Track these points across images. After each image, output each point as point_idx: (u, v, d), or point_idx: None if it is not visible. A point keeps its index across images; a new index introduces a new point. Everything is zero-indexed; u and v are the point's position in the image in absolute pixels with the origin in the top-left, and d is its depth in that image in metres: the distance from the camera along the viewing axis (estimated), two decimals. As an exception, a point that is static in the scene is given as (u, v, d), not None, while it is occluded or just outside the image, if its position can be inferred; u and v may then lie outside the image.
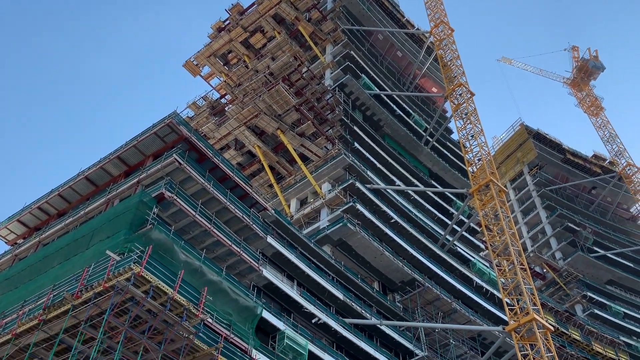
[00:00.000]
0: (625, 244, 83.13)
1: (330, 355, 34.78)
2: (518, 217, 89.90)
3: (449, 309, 46.27)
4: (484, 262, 57.51)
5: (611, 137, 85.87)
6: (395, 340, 41.57)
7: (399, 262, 45.34)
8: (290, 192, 52.15)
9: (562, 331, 58.47)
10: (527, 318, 37.09)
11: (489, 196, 45.63)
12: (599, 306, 71.10)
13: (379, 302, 42.95)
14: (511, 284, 40.38)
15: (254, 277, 33.36)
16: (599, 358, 59.77)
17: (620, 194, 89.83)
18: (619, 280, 78.60)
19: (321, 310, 36.58)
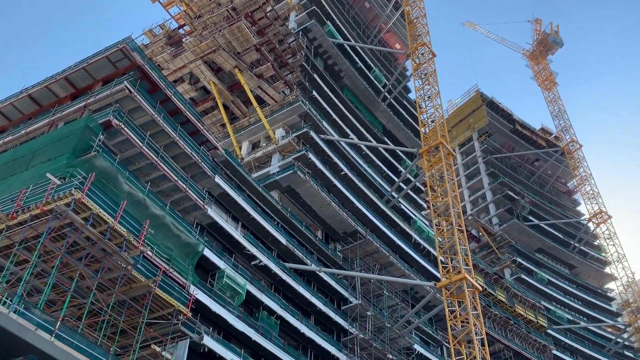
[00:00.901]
0: (558, 215, 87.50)
1: (268, 296, 35.55)
2: (462, 181, 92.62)
3: (386, 262, 47.83)
4: (425, 221, 59.38)
5: (560, 113, 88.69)
6: (332, 287, 42.84)
7: (344, 214, 46.14)
8: (242, 134, 51.55)
9: (489, 292, 61.79)
10: (459, 277, 38.82)
11: (437, 158, 46.60)
12: (526, 272, 75.21)
13: (321, 250, 43.88)
14: (447, 243, 41.98)
15: (199, 215, 33.23)
16: (519, 319, 63.75)
17: (560, 168, 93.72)
18: (547, 249, 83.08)
19: (263, 253, 37.08)
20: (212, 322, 30.65)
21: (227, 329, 31.46)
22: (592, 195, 78.82)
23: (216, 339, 29.12)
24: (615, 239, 75.32)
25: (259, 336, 32.62)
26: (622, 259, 73.52)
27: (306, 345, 38.54)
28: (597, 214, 77.03)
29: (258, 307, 35.27)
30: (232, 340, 31.66)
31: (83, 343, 19.77)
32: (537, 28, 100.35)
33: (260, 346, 32.75)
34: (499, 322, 60.36)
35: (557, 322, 71.27)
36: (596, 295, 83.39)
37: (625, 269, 72.33)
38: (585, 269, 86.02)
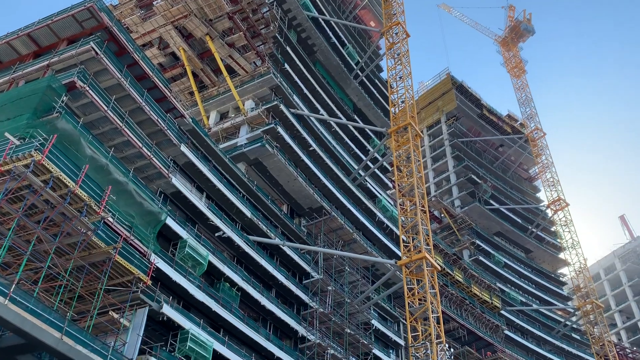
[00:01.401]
0: (518, 201, 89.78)
1: (230, 268, 35.58)
2: (428, 163, 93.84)
3: (349, 238, 48.37)
4: (390, 200, 60.12)
5: (527, 100, 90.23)
6: (294, 261, 43.15)
7: (310, 189, 46.27)
8: (211, 103, 50.79)
9: (447, 272, 63.30)
10: (419, 256, 39.62)
11: (405, 138, 47.00)
12: (484, 254, 77.23)
13: (285, 225, 44.00)
14: (410, 223, 42.66)
15: (162, 184, 32.80)
16: (474, 300, 65.66)
17: (523, 155, 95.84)
18: (506, 232, 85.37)
19: (227, 225, 36.97)
20: (172, 291, 30.56)
21: (187, 299, 31.43)
22: (552, 183, 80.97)
23: (176, 308, 29.07)
24: (571, 226, 77.84)
25: (219, 307, 32.72)
26: (576, 245, 76.12)
27: (266, 317, 38.89)
28: (556, 201, 79.27)
29: (219, 278, 35.30)
30: (191, 310, 31.68)
31: (38, 307, 19.47)
32: (510, 14, 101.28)
33: (220, 317, 32.88)
34: (455, 301, 62.06)
35: (510, 304, 73.73)
36: (549, 279, 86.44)
37: (578, 255, 74.98)
38: (541, 254, 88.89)
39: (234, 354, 32.16)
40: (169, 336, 28.92)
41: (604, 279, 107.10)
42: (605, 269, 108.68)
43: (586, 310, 69.98)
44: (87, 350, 20.90)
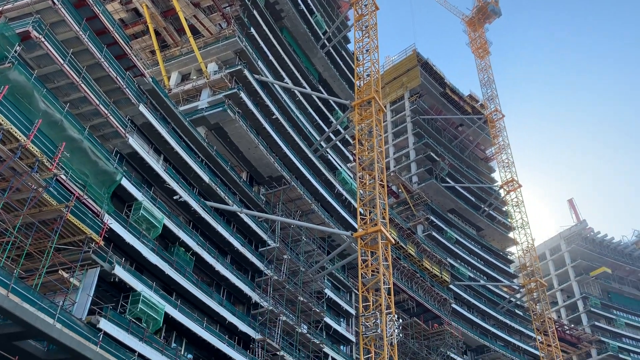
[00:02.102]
0: (473, 180, 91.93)
1: (185, 232, 35.34)
2: (389, 138, 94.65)
3: (308, 209, 48.63)
4: (349, 173, 60.56)
5: (488, 82, 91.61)
6: (251, 228, 43.18)
7: (270, 158, 46.06)
8: (173, 63, 49.46)
9: (401, 245, 64.69)
10: (375, 229, 40.28)
11: (369, 112, 47.15)
12: (437, 230, 79.14)
13: (244, 192, 43.81)
14: (368, 196, 43.20)
15: (119, 144, 32.05)
16: (425, 273, 67.50)
17: (481, 135, 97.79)
18: (459, 210, 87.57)
19: (184, 189, 36.54)
20: (125, 253, 30.18)
21: (140, 261, 31.12)
22: (506, 164, 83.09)
23: (128, 270, 28.78)
24: (521, 206, 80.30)
25: (172, 270, 32.56)
26: (526, 226, 78.77)
27: (220, 282, 38.99)
28: (509, 182, 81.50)
29: (174, 242, 35.04)
30: (144, 272, 31.42)
31: (-16, 263, 18.90)
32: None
33: (173, 280, 32.75)
34: (406, 274, 63.65)
35: (459, 279, 76.18)
36: (497, 257, 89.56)
37: (526, 235, 77.67)
38: (491, 232, 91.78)
39: (186, 318, 32.23)
40: (120, 298, 28.69)
41: (549, 259, 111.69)
42: (551, 250, 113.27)
43: (530, 288, 72.98)
44: (34, 308, 20.53)
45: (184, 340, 33.78)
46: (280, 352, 39.16)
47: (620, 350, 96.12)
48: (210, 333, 34.04)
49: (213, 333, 34.40)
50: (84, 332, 23.56)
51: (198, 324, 33.22)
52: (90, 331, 24.13)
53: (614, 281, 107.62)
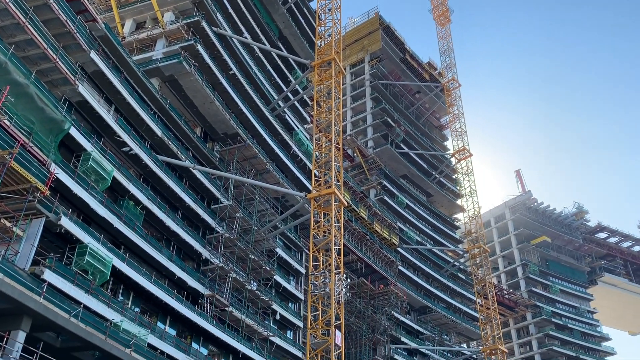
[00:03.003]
0: (426, 147, 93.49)
1: (135, 186, 34.67)
2: (347, 101, 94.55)
3: (262, 168, 48.43)
4: (306, 134, 60.40)
5: (447, 50, 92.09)
6: (204, 185, 42.75)
7: (226, 114, 45.31)
8: (127, 10, 47.36)
9: (353, 208, 65.66)
10: (328, 191, 40.63)
11: (328, 74, 46.79)
12: (389, 194, 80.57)
13: (197, 148, 43.13)
14: (324, 159, 43.35)
15: (68, 91, 30.76)
16: (375, 236, 69.00)
17: (437, 103, 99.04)
18: (411, 176, 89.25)
19: (135, 142, 35.66)
20: (72, 204, 29.42)
21: (88, 213, 30.46)
22: (459, 133, 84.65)
23: (75, 221, 28.12)
24: (471, 175, 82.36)
25: (121, 224, 32.04)
26: (473, 194, 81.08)
27: (170, 238, 38.68)
28: (461, 150, 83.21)
29: (124, 196, 34.35)
30: (92, 224, 30.80)
31: None
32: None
33: (122, 234, 32.29)
34: (356, 236, 64.88)
35: (407, 242, 78.30)
36: (445, 222, 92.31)
37: (473, 203, 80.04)
38: (441, 199, 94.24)
39: (134, 272, 31.97)
40: (66, 249, 28.09)
41: (494, 227, 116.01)
42: (496, 218, 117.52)
43: (474, 254, 75.81)
44: (-26, 257, 19.85)
45: (132, 294, 33.59)
46: (228, 307, 39.55)
47: (554, 314, 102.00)
48: (159, 287, 33.95)
49: (161, 287, 34.33)
50: (27, 282, 23.05)
51: (146, 278, 33.03)
52: (33, 282, 23.63)
53: (553, 250, 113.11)
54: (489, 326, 69.53)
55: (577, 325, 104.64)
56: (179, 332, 36.63)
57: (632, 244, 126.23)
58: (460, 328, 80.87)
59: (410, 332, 71.27)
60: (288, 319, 48.77)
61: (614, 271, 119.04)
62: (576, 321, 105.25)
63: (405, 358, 66.95)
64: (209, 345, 39.06)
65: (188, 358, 34.20)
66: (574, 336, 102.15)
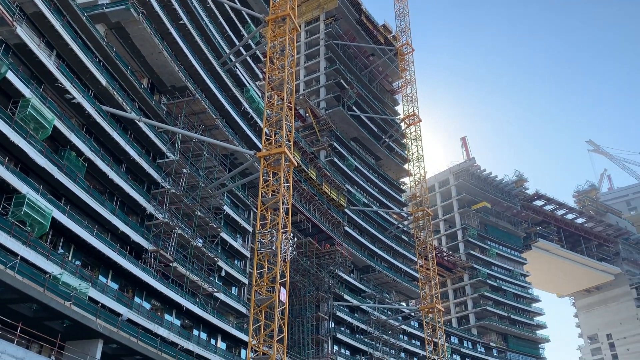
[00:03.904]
0: (377, 110, 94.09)
1: (77, 136, 33.44)
2: (301, 60, 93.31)
3: (211, 124, 47.51)
4: (258, 92, 59.47)
5: (403, 13, 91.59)
6: (150, 139, 41.67)
7: (175, 66, 43.90)
8: (71, -51, 44.43)
9: (302, 168, 65.80)
10: (279, 150, 40.40)
11: (282, 30, 45.82)
12: (338, 156, 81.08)
13: (144, 99, 41.79)
14: (275, 117, 42.87)
15: (5, 32, 28.96)
16: (323, 197, 69.63)
17: (391, 67, 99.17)
18: (361, 139, 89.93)
19: (78, 90, 34.16)
20: (8, 152, 28.15)
21: (26, 162, 29.26)
22: (410, 98, 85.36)
23: (12, 170, 26.99)
24: (419, 140, 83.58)
25: (62, 175, 30.97)
26: (420, 159, 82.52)
27: (113, 191, 37.77)
28: (410, 115, 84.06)
29: (65, 146, 33.09)
30: (30, 174, 29.64)
31: None
32: None
33: (63, 185, 31.26)
34: (305, 197, 65.30)
35: (354, 204, 79.52)
36: (391, 186, 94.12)
37: (420, 167, 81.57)
38: (389, 163, 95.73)
39: (74, 224, 31.17)
40: (2, 199, 26.96)
41: (438, 191, 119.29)
42: (440, 183, 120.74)
43: (417, 217, 77.86)
44: None
45: (73, 247, 32.82)
46: (173, 263, 39.33)
47: (489, 276, 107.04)
48: (101, 241, 33.30)
49: (104, 241, 33.68)
50: (-41, 232, 22.05)
51: (88, 231, 32.29)
52: (-34, 232, 22.63)
53: (492, 215, 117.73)
54: (427, 286, 72.25)
55: (510, 287, 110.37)
56: (121, 287, 36.24)
57: (565, 212, 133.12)
58: (400, 287, 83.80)
59: (353, 290, 73.24)
60: (233, 275, 49.04)
61: (547, 237, 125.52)
62: (510, 283, 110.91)
63: (347, 315, 68.98)
64: (152, 299, 38.90)
65: (130, 312, 33.99)
66: (506, 297, 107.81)
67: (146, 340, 33.20)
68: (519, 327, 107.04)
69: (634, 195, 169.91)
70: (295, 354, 58.10)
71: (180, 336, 38.47)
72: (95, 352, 28.41)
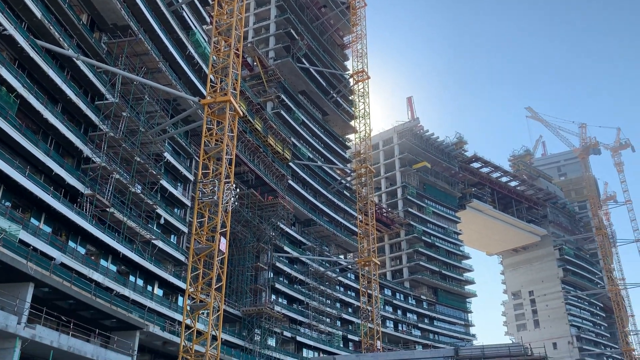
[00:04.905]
0: (327, 65, 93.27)
1: (9, 71, 31.65)
2: (251, 6, 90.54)
3: (154, 67, 45.83)
4: (204, 36, 57.51)
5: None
6: (88, 78, 39.89)
7: (117, 2, 41.69)
8: None
9: (248, 119, 64.94)
10: (224, 98, 39.58)
11: (233, -27, 44.14)
12: (285, 109, 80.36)
13: (82, 36, 39.69)
14: (221, 64, 41.76)
15: None
16: (268, 149, 69.28)
17: (342, 21, 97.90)
18: (309, 92, 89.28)
19: (10, 21, 31.97)
20: None
21: (-50, 96, 27.31)
22: (360, 54, 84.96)
23: None
24: (366, 97, 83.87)
25: (-9, 111, 29.24)
26: (367, 116, 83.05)
27: (47, 131, 36.18)
28: (360, 72, 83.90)
29: (-6, 80, 31.11)
30: (-45, 109, 27.78)
31: None
32: None
33: (-8, 122, 29.57)
34: (249, 148, 64.77)
35: (299, 158, 79.68)
36: (337, 142, 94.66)
37: (365, 125, 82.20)
38: (335, 118, 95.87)
39: (5, 164, 29.78)
40: None
41: (381, 149, 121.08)
42: (384, 141, 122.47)
43: (360, 173, 79.05)
44: None
45: (2, 187, 31.42)
46: (110, 208, 38.48)
47: (424, 233, 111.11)
48: (33, 182, 32.05)
49: (36, 183, 32.44)
50: None
51: (19, 171, 30.97)
52: None
53: (431, 175, 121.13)
54: (366, 240, 74.27)
55: (443, 244, 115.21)
56: (54, 230, 35.24)
57: (500, 175, 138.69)
58: (340, 241, 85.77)
59: (293, 242, 74.34)
60: (173, 224, 48.59)
61: (481, 198, 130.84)
62: (443, 240, 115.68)
63: (286, 265, 70.19)
64: (87, 244, 38.13)
65: (64, 256, 33.24)
66: (439, 254, 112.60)
67: (80, 284, 32.69)
68: (449, 282, 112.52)
69: (565, 162, 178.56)
70: (233, 302, 58.93)
71: (116, 282, 38.10)
72: (26, 296, 27.75)
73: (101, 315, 33.06)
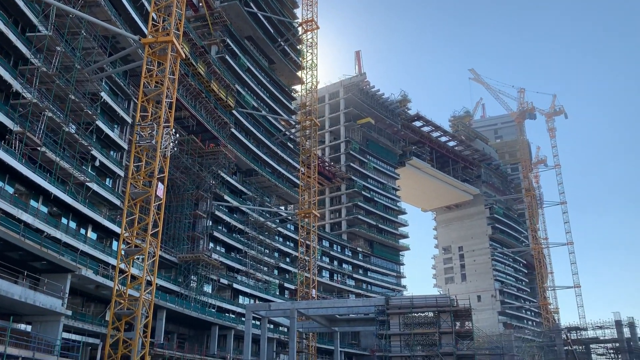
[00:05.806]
0: (276, 11, 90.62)
1: None
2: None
3: (93, 0, 43.18)
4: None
5: None
6: (19, 7, 37.46)
7: None
8: None
9: (191, 62, 62.85)
10: (166, 39, 38.09)
11: None
12: (231, 54, 78.14)
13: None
14: (165, 2, 39.88)
15: None
16: (211, 95, 67.62)
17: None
18: (256, 39, 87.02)
19: None
20: None
21: None
22: (310, 3, 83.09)
23: None
24: (315, 48, 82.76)
25: None
26: (314, 67, 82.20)
27: (-28, 62, 33.71)
28: (309, 21, 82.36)
29: None
30: None
31: None
32: None
33: None
34: (191, 92, 63.01)
35: (243, 106, 78.35)
36: (283, 92, 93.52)
37: (313, 77, 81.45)
38: (282, 67, 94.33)
39: None
40: None
41: (327, 103, 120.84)
42: (330, 94, 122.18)
43: (305, 125, 78.89)
44: None
45: None
46: (41, 147, 36.83)
47: (364, 188, 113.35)
48: (-44, 116, 30.02)
49: (-41, 117, 30.40)
50: None
51: (-61, 104, 28.85)
52: None
53: (374, 131, 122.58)
54: (307, 193, 74.98)
55: (381, 199, 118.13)
56: (-21, 168, 33.43)
57: (440, 135, 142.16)
58: (281, 192, 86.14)
59: (234, 192, 74.02)
60: (108, 166, 47.19)
61: (421, 156, 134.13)
62: (381, 195, 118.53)
63: (226, 214, 70.07)
64: (15, 184, 36.53)
65: (-10, 195, 31.75)
66: (377, 208, 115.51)
67: (8, 225, 31.48)
68: (385, 235, 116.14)
69: (502, 124, 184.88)
70: (170, 248, 58.57)
71: (47, 223, 36.91)
72: (-52, 235, 26.51)
73: (30, 257, 32.09)
